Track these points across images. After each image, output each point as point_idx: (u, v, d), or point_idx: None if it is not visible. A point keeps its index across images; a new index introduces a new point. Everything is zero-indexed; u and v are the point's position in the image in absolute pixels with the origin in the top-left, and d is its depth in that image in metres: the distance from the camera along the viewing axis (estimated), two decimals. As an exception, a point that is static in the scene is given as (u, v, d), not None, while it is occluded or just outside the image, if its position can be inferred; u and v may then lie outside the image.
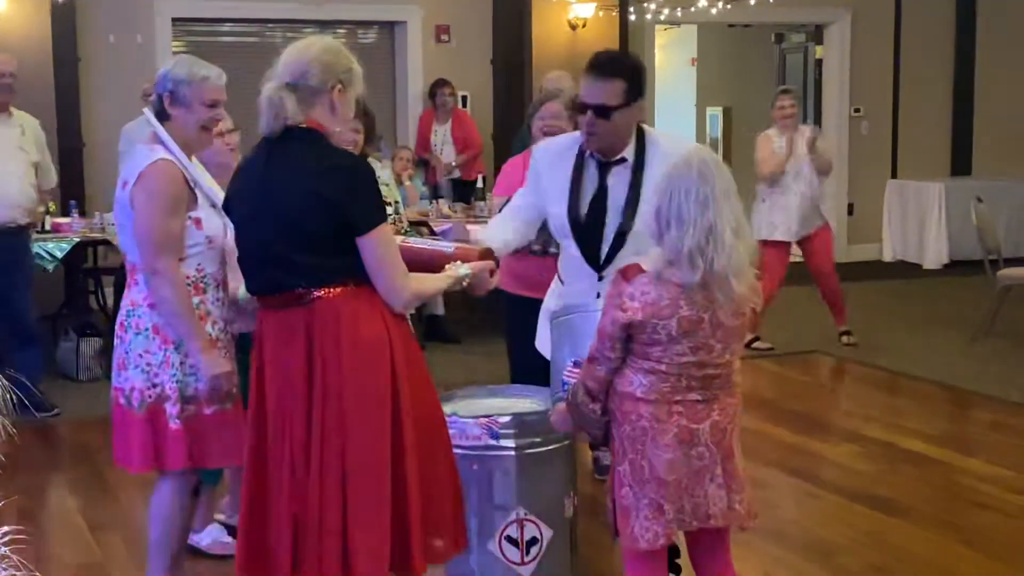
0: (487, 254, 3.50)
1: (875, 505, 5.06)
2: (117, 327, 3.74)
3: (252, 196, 3.16)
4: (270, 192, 3.10)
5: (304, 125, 3.11)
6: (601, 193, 3.69)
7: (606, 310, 3.05)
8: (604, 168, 3.70)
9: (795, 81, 12.57)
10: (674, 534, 3.13)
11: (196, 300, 3.66)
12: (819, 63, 12.10)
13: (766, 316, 7.68)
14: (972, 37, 11.90)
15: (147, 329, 3.64)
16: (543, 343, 4.10)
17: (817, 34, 12.07)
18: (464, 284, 3.37)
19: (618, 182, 3.70)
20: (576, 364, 3.24)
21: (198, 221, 3.64)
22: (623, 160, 3.70)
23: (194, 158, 3.82)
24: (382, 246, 3.09)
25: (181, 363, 3.63)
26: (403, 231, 4.47)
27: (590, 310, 3.37)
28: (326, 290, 3.08)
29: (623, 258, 3.57)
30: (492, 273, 3.44)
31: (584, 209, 3.68)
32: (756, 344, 7.81)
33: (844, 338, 8.10)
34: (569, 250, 3.81)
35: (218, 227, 3.67)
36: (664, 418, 3.04)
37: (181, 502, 3.80)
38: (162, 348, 3.63)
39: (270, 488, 3.18)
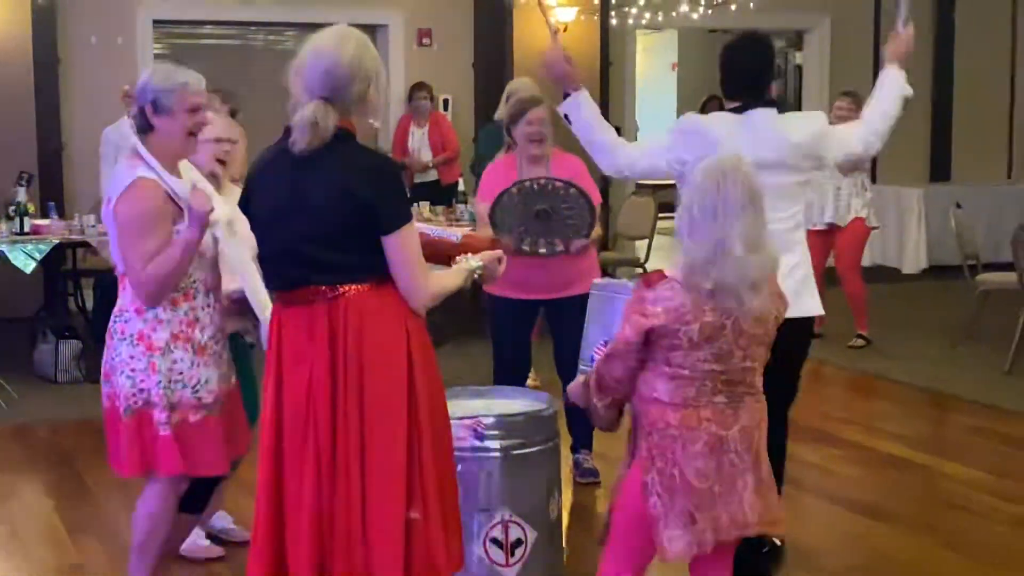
0: (495, 243, 3.45)
1: (855, 508, 5.08)
2: (107, 332, 3.72)
3: (277, 194, 3.12)
4: (298, 190, 3.07)
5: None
6: None
7: (627, 315, 3.01)
8: None
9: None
10: (710, 546, 3.04)
11: (185, 306, 3.64)
12: (799, 69, 12.14)
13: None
14: (950, 43, 11.94)
15: (132, 335, 3.62)
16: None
17: (797, 40, 12.11)
18: (476, 276, 3.32)
19: None
20: (607, 343, 3.19)
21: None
22: None
23: (186, 162, 3.79)
24: (407, 245, 3.07)
25: (169, 368, 3.61)
26: None
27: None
28: (350, 287, 3.06)
29: None
30: (501, 261, 3.38)
31: None
32: None
33: (855, 339, 8.14)
34: None
35: (205, 238, 3.65)
36: (694, 425, 3.01)
37: (168, 507, 3.77)
38: (146, 355, 3.61)
39: (287, 490, 3.13)
